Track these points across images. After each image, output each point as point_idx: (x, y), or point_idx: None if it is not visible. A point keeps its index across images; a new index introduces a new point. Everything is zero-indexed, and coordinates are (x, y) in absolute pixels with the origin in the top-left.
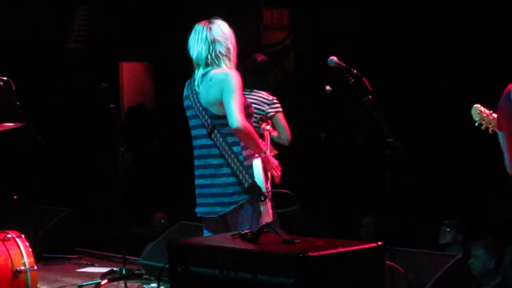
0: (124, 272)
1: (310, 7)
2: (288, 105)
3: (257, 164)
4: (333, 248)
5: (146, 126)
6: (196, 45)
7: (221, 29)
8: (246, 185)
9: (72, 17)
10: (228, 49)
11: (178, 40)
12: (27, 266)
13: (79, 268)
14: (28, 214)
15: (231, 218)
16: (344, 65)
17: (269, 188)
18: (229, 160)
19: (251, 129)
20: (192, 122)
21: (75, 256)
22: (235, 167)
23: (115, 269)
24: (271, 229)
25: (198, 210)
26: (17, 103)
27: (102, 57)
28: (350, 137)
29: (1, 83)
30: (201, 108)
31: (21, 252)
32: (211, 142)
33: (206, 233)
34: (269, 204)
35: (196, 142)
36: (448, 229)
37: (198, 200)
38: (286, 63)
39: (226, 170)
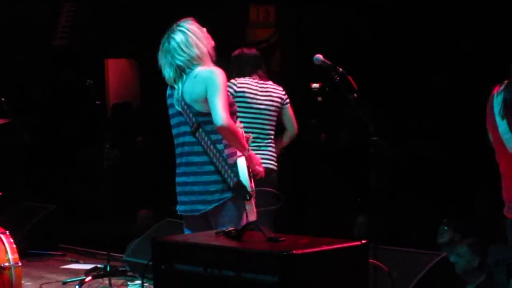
0: (108, 269)
1: (296, 4)
2: None
3: (241, 163)
4: (317, 246)
5: (131, 123)
6: (168, 56)
7: (190, 34)
8: (231, 184)
9: (59, 13)
10: (202, 52)
11: (160, 37)
12: (12, 262)
13: (63, 265)
14: (12, 211)
15: (213, 216)
16: (329, 63)
17: (253, 186)
18: (214, 159)
19: (235, 127)
20: (174, 121)
21: (60, 253)
22: (219, 165)
23: (99, 266)
24: (255, 227)
25: (179, 208)
26: (2, 99)
27: (88, 54)
28: (336, 135)
29: None
30: (185, 106)
31: (5, 249)
32: (194, 140)
33: (186, 232)
34: (253, 202)
35: (179, 140)
36: (446, 228)
37: (179, 198)
38: (272, 61)
39: (209, 168)
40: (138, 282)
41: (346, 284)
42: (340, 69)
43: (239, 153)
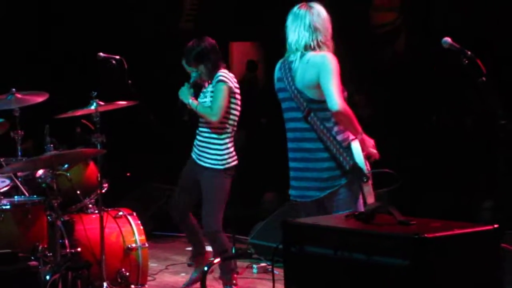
0: (233, 251)
1: None
2: (399, 87)
3: (356, 146)
4: (449, 230)
5: (255, 105)
6: (297, 30)
7: (321, 16)
8: (347, 167)
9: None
10: (326, 37)
11: (284, 20)
12: (138, 243)
13: (188, 247)
14: (139, 192)
15: (328, 202)
16: (458, 46)
17: (369, 168)
18: (328, 143)
19: (350, 111)
20: (285, 105)
21: (185, 235)
22: (334, 149)
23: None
24: (386, 210)
25: (291, 192)
26: (129, 81)
27: (213, 37)
28: (461, 119)
29: (114, 62)
30: (296, 91)
31: (132, 230)
32: (306, 126)
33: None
34: (370, 184)
35: (290, 125)
36: None
37: (292, 183)
38: (397, 44)
39: (322, 154)
40: (263, 264)
41: (478, 269)
42: (469, 52)
43: (351, 137)
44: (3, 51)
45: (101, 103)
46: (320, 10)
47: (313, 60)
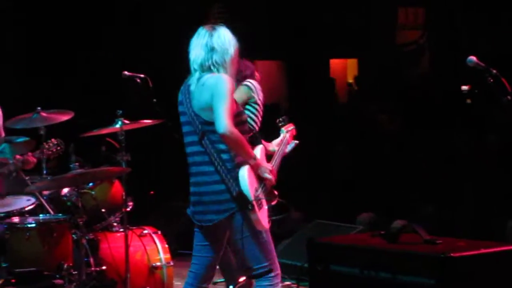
0: None
1: (446, 5)
2: (424, 105)
3: (242, 173)
4: (475, 249)
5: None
6: (196, 49)
7: (222, 38)
8: (234, 193)
9: (207, 14)
10: (224, 58)
11: (310, 39)
12: (163, 262)
13: None
14: (164, 210)
15: (226, 225)
16: (483, 65)
17: (260, 195)
18: (218, 168)
19: (238, 135)
20: (184, 129)
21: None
22: (223, 174)
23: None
24: (412, 229)
25: (194, 217)
26: (154, 100)
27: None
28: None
29: (139, 80)
30: (193, 114)
31: (157, 248)
32: (202, 149)
33: (197, 239)
34: (262, 210)
35: (188, 149)
36: None
37: (193, 208)
38: (422, 62)
39: (217, 177)
40: (287, 282)
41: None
42: (494, 71)
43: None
44: (29, 70)
45: (126, 121)
46: (222, 32)
47: (208, 82)
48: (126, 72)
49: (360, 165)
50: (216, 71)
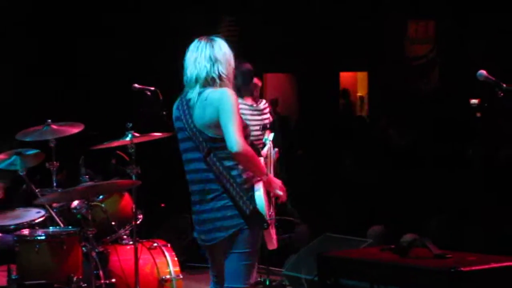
0: (267, 282)
1: (456, 19)
2: (433, 119)
3: (258, 189)
4: (485, 264)
5: (290, 137)
6: (197, 62)
7: (223, 50)
8: (248, 212)
9: (218, 27)
10: (227, 70)
11: (321, 52)
12: (173, 275)
13: None
14: (174, 223)
15: (230, 241)
16: (493, 79)
17: (272, 212)
18: (228, 185)
19: (251, 152)
20: (184, 145)
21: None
22: (234, 192)
23: (258, 279)
24: (422, 243)
25: (200, 237)
26: (164, 113)
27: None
28: (496, 152)
29: (149, 93)
30: (195, 130)
31: (167, 261)
32: (207, 167)
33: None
34: (273, 230)
35: (190, 166)
36: None
37: (197, 228)
38: (431, 76)
39: (223, 194)
40: None
41: None
42: (504, 85)
43: (255, 178)
44: (39, 83)
45: (136, 134)
46: (221, 43)
47: (212, 97)
48: (136, 85)
49: (369, 178)
50: (219, 84)
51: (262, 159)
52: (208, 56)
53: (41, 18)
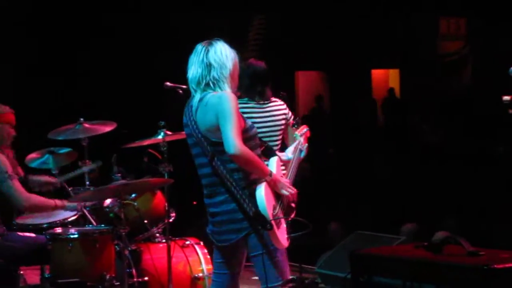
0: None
1: (488, 16)
2: (465, 116)
3: (259, 192)
4: None
5: (321, 134)
6: (193, 66)
7: (218, 53)
8: (251, 213)
9: (248, 26)
10: (222, 74)
11: (353, 50)
12: (205, 273)
13: (254, 276)
14: (206, 221)
15: (242, 243)
16: None
17: (278, 212)
18: (232, 188)
19: (249, 153)
20: (194, 151)
21: (251, 264)
22: (238, 195)
23: (291, 277)
24: (455, 240)
25: (213, 237)
26: None
27: (279, 66)
28: None
29: (181, 91)
30: (200, 136)
31: (199, 259)
32: (213, 171)
33: (216, 258)
34: (281, 228)
35: (201, 171)
36: None
37: (210, 228)
38: (463, 73)
39: (229, 197)
40: None
41: None
42: None
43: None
44: (71, 82)
45: (169, 132)
46: (219, 47)
47: (211, 102)
48: (168, 83)
49: (401, 175)
50: (217, 88)
51: (275, 159)
52: (201, 60)
53: (41, 18)
